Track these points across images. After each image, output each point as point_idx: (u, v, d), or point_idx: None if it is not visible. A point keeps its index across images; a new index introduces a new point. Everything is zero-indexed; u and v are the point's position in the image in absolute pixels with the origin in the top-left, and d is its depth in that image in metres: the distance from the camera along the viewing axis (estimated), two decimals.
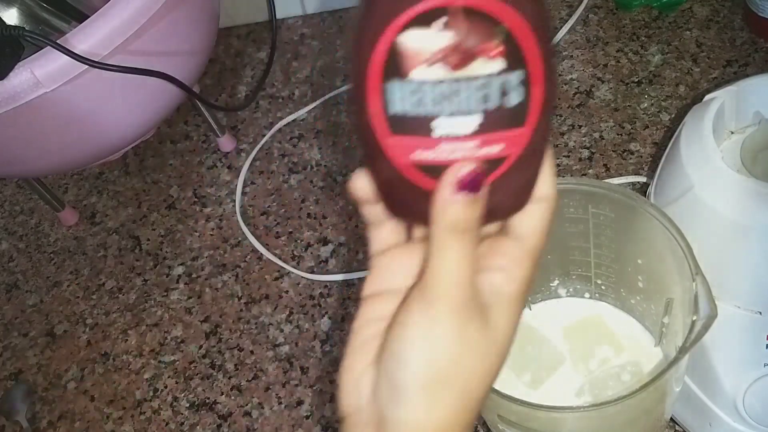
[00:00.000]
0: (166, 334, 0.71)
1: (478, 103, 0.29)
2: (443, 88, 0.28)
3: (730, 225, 0.47)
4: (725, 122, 0.53)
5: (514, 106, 0.29)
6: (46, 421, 0.68)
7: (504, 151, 0.30)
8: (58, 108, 0.62)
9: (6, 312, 0.77)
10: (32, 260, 0.80)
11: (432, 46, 0.28)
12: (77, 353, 0.72)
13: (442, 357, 0.30)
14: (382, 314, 0.33)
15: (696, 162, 0.50)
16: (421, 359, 0.30)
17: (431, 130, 0.29)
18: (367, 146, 0.31)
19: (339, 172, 0.78)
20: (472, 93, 0.28)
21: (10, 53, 0.57)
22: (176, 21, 0.66)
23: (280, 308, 0.70)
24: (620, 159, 0.71)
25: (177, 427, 0.65)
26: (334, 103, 0.84)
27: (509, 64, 0.28)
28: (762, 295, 0.47)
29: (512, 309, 0.32)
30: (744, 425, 0.50)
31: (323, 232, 0.74)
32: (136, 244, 0.78)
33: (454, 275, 0.30)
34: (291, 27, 0.94)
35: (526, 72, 0.28)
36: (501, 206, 0.31)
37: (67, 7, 0.76)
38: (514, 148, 0.30)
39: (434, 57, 0.28)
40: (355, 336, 0.34)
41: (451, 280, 0.30)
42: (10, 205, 0.86)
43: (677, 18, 0.80)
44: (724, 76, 0.74)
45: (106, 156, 0.73)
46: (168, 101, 0.71)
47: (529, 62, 0.28)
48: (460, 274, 0.30)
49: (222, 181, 0.81)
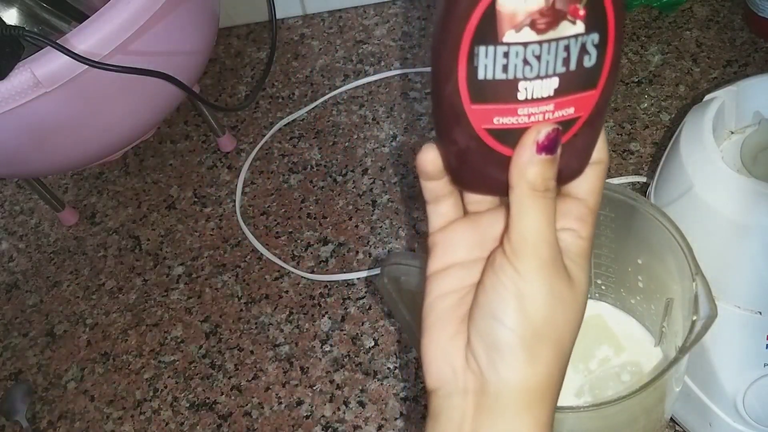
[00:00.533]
0: (166, 334, 0.71)
1: (559, 65, 0.29)
2: (529, 52, 0.29)
3: (730, 225, 0.47)
4: (725, 122, 0.53)
5: (589, 68, 0.30)
6: (46, 421, 0.68)
7: (575, 113, 0.31)
8: (58, 108, 0.62)
9: (6, 312, 0.77)
10: (32, 260, 0.80)
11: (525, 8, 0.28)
12: (77, 353, 0.72)
13: (537, 312, 0.32)
14: (453, 287, 0.35)
15: (696, 162, 0.50)
16: (518, 316, 0.31)
17: (514, 95, 0.30)
18: (448, 115, 0.31)
19: (339, 172, 0.78)
20: (555, 56, 0.29)
21: (10, 53, 0.57)
22: (176, 21, 0.66)
23: (280, 308, 0.70)
24: (620, 159, 0.71)
25: (177, 427, 0.65)
26: (334, 103, 0.84)
27: (588, 25, 0.29)
28: (762, 295, 0.47)
29: (586, 265, 0.34)
30: (744, 425, 0.50)
31: (323, 232, 0.74)
32: (136, 244, 0.78)
33: (540, 233, 0.31)
34: (291, 27, 0.94)
35: (602, 34, 0.29)
36: (568, 168, 0.32)
37: (67, 7, 0.76)
38: (584, 110, 0.31)
39: (524, 20, 0.29)
40: (431, 312, 0.35)
41: (538, 237, 0.31)
42: (10, 205, 0.86)
43: (677, 18, 0.80)
44: (724, 76, 0.74)
45: (106, 156, 0.73)
46: (168, 101, 0.71)
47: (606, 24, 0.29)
48: (545, 232, 0.31)
49: (222, 181, 0.81)
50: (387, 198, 0.74)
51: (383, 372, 0.63)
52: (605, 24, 0.29)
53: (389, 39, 0.88)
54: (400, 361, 0.64)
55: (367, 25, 0.91)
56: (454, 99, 0.30)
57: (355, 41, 0.90)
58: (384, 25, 0.90)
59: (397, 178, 0.76)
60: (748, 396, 0.49)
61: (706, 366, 0.50)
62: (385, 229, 0.72)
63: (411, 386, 0.62)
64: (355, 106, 0.83)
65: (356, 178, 0.77)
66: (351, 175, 0.77)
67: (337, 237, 0.73)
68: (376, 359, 0.64)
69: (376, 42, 0.89)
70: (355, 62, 0.87)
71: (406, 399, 0.61)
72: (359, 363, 0.64)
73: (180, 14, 0.66)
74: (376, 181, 0.76)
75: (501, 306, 0.32)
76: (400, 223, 0.72)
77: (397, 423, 0.60)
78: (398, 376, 0.63)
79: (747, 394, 0.49)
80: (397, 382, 0.62)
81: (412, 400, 0.61)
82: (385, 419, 0.60)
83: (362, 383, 0.63)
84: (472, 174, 0.33)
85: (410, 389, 0.62)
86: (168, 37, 0.66)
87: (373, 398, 0.62)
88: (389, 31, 0.89)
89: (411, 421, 0.60)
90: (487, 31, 0.29)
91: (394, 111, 0.81)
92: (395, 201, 0.74)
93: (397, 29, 0.89)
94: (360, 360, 0.65)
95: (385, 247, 0.71)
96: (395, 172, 0.76)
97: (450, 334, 0.34)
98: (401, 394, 0.62)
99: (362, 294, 0.69)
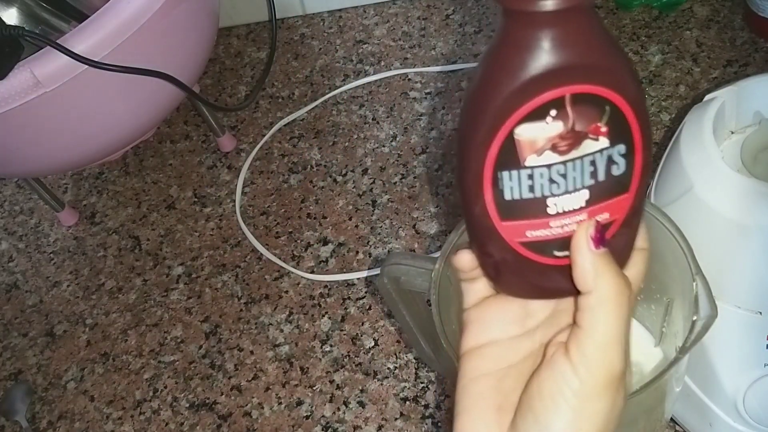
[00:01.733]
0: (166, 334, 0.71)
1: (587, 179, 0.30)
2: (554, 172, 0.30)
3: (730, 225, 0.47)
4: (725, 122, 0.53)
5: (619, 176, 0.30)
6: (46, 421, 0.68)
7: (610, 217, 0.31)
8: (58, 108, 0.62)
9: (6, 312, 0.77)
10: (32, 260, 0.80)
11: (544, 135, 0.29)
12: (77, 353, 0.72)
13: (591, 428, 0.30)
14: (489, 369, 0.33)
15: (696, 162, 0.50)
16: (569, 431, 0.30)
17: (543, 211, 0.30)
18: (479, 231, 0.32)
19: (339, 172, 0.78)
20: (581, 171, 0.30)
21: (10, 53, 0.57)
22: (176, 21, 0.66)
23: (280, 308, 0.70)
24: None
25: (177, 427, 0.65)
26: (334, 103, 0.84)
27: (613, 139, 0.29)
28: (762, 295, 0.47)
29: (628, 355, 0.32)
30: (744, 425, 0.50)
31: (323, 232, 0.74)
32: (136, 244, 0.78)
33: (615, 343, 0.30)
34: (291, 27, 0.94)
35: (628, 143, 0.30)
36: None
37: (67, 7, 0.76)
38: (619, 214, 0.31)
39: (545, 145, 0.29)
40: (465, 393, 0.34)
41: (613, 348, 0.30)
42: (10, 205, 0.86)
43: (677, 18, 0.80)
44: (724, 76, 0.74)
45: (106, 156, 0.73)
46: (168, 101, 0.71)
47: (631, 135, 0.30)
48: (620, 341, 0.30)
49: (222, 181, 0.81)
50: (387, 198, 0.74)
51: (383, 372, 0.63)
52: (630, 133, 0.30)
53: (389, 39, 0.88)
54: (400, 361, 0.64)
55: (367, 25, 0.91)
56: (483, 218, 0.31)
57: (355, 41, 0.89)
58: (384, 25, 0.90)
59: (397, 178, 0.76)
60: (748, 396, 0.49)
61: (706, 366, 0.50)
62: (385, 229, 0.72)
63: (411, 386, 0.62)
64: (355, 106, 0.83)
65: (356, 178, 0.77)
66: (351, 175, 0.77)
67: (337, 237, 0.73)
68: (376, 359, 0.64)
69: (376, 42, 0.89)
70: (355, 62, 0.87)
71: (406, 399, 0.61)
72: (359, 363, 0.64)
73: (180, 14, 0.66)
74: (376, 181, 0.76)
75: (555, 418, 0.30)
76: (400, 223, 0.72)
77: (397, 423, 0.60)
78: (398, 376, 0.63)
79: (747, 394, 0.49)
80: (397, 382, 0.62)
81: (412, 400, 0.61)
82: (385, 419, 0.60)
83: (362, 383, 0.63)
84: (511, 281, 0.34)
85: (410, 389, 0.62)
86: (168, 37, 0.66)
87: (373, 398, 0.62)
88: (389, 31, 0.89)
89: (411, 421, 0.60)
90: (509, 157, 0.29)
91: (394, 111, 0.81)
92: (395, 201, 0.74)
93: (397, 29, 0.89)
94: (360, 360, 0.65)
95: (385, 247, 0.71)
96: (395, 172, 0.76)
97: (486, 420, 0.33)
98: (401, 394, 0.61)
99: (362, 294, 0.69)
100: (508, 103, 0.28)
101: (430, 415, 0.60)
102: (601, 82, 0.28)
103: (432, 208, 0.72)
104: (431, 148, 0.77)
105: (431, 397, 0.60)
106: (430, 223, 0.71)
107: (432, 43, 0.86)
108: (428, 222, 0.71)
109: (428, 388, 0.61)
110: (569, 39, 0.28)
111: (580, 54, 0.28)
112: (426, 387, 0.61)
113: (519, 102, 0.28)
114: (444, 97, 0.81)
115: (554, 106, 0.28)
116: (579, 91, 0.28)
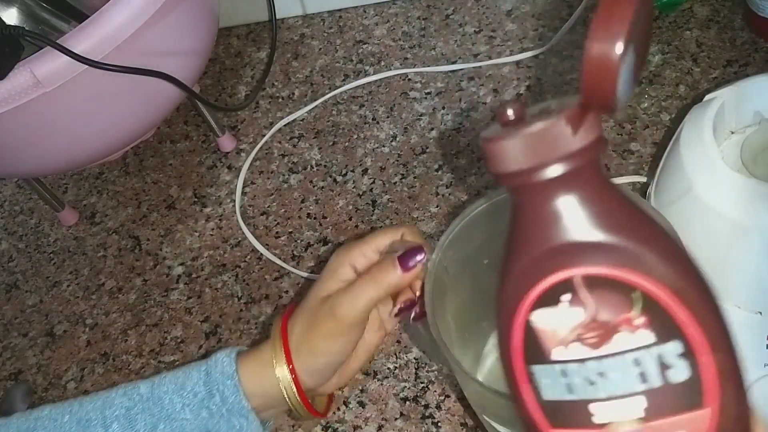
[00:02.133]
0: (166, 334, 0.71)
1: (636, 382, 0.25)
2: (589, 370, 0.25)
3: (730, 225, 0.47)
4: (725, 122, 0.53)
5: (683, 383, 0.25)
6: None
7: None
8: (58, 108, 0.62)
9: (6, 312, 0.77)
10: (32, 260, 0.80)
11: (564, 324, 0.25)
12: (77, 353, 0.72)
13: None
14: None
15: (696, 162, 0.50)
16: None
17: (588, 419, 0.26)
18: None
19: (339, 172, 0.78)
20: (625, 371, 0.25)
21: (10, 53, 0.57)
22: (176, 21, 0.66)
23: (280, 308, 0.70)
24: (620, 159, 0.71)
25: None
26: (334, 103, 0.84)
27: (660, 334, 0.24)
28: (762, 295, 0.47)
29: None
30: None
31: (323, 232, 0.74)
32: (136, 244, 0.78)
33: None
34: (291, 27, 0.94)
35: (684, 341, 0.24)
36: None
37: (67, 7, 0.76)
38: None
39: (569, 336, 0.25)
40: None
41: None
42: (10, 205, 0.86)
43: (677, 18, 0.80)
44: (724, 76, 0.74)
45: (106, 156, 0.73)
46: (168, 101, 0.71)
47: (684, 329, 0.24)
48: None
49: (222, 181, 0.81)
50: (387, 198, 0.74)
51: (383, 372, 0.63)
52: (686, 327, 0.24)
53: (389, 39, 0.88)
54: (400, 361, 0.63)
55: (367, 25, 0.91)
56: (530, 422, 0.27)
57: (355, 41, 0.90)
58: (384, 25, 0.90)
59: (397, 178, 0.76)
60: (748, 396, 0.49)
61: None
62: None
63: (411, 386, 0.62)
64: (355, 106, 0.83)
65: (356, 178, 0.77)
66: (351, 175, 0.77)
67: (337, 237, 0.73)
68: (376, 359, 0.64)
69: (376, 42, 0.89)
70: (355, 62, 0.87)
71: (406, 399, 0.61)
72: None
73: (180, 14, 0.66)
74: (376, 181, 0.76)
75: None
76: (400, 223, 0.72)
77: (397, 423, 0.60)
78: (398, 376, 0.63)
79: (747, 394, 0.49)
80: (397, 382, 0.62)
81: (412, 400, 0.61)
82: (385, 419, 0.60)
83: (362, 383, 0.63)
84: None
85: (410, 389, 0.62)
86: (168, 37, 0.66)
87: (373, 398, 0.62)
88: (389, 31, 0.89)
89: (411, 421, 0.60)
90: (535, 349, 0.26)
91: (394, 111, 0.81)
92: (395, 201, 0.74)
93: (397, 29, 0.89)
94: None
95: None
96: (395, 172, 0.76)
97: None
98: (401, 394, 0.61)
99: None
100: (515, 287, 0.25)
101: (430, 415, 0.60)
102: (618, 262, 0.24)
103: (432, 208, 0.72)
104: (431, 148, 0.77)
105: (431, 397, 0.60)
106: (430, 223, 0.71)
107: (432, 43, 0.86)
108: (428, 222, 0.71)
109: (428, 388, 0.61)
110: (568, 212, 0.24)
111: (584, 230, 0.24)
112: (426, 387, 0.61)
113: (525, 285, 0.25)
114: (444, 97, 0.81)
115: (563, 290, 0.25)
116: (590, 274, 0.24)
